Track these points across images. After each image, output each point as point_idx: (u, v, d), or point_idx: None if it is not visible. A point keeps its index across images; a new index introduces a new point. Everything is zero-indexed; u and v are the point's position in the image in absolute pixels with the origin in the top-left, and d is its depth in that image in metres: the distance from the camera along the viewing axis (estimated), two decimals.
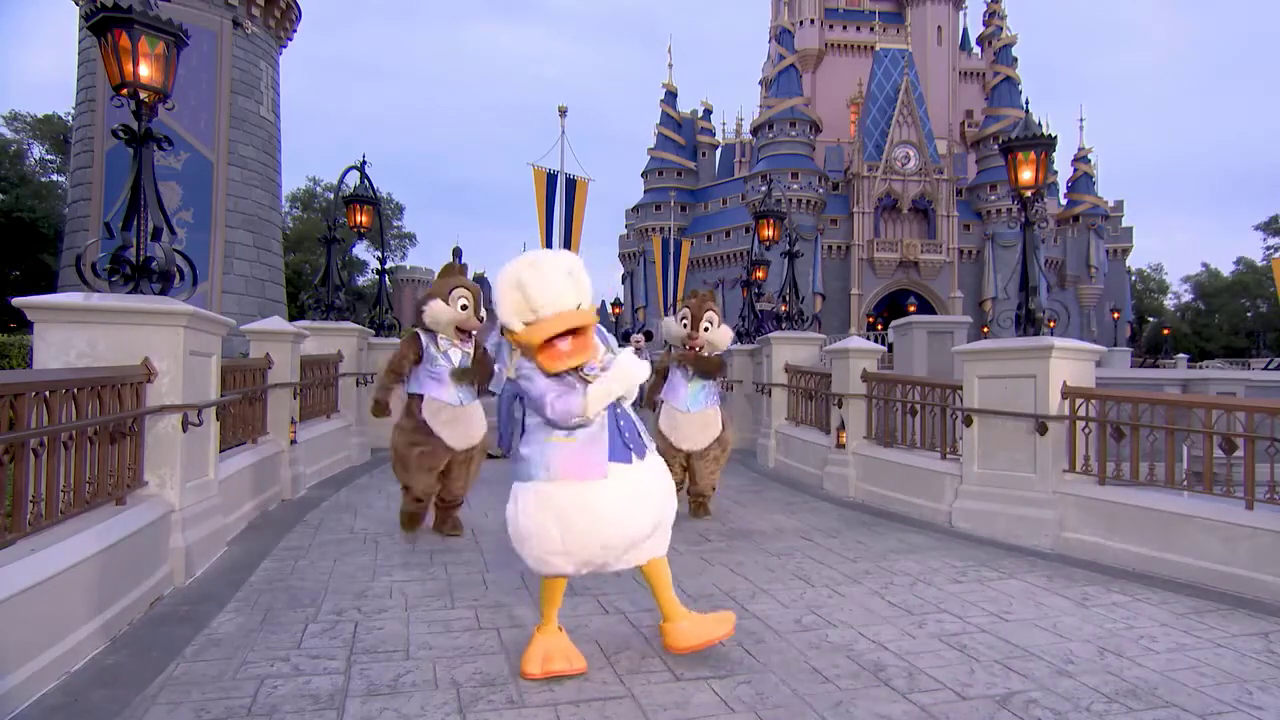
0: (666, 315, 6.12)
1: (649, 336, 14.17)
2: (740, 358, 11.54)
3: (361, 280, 45.59)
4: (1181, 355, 39.50)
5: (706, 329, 6.06)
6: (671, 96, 63.29)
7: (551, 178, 19.14)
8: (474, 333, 5.28)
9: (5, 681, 2.66)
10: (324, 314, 9.27)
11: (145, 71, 4.39)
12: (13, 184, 32.79)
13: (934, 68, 60.29)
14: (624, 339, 12.84)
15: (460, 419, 5.22)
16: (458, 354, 5.25)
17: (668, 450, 5.94)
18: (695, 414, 6.07)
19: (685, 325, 6.13)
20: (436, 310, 5.11)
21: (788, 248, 10.77)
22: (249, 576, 4.41)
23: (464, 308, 5.13)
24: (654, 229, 55.47)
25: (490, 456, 5.41)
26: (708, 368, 6.13)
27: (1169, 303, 76.50)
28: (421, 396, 5.22)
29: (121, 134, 4.47)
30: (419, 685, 3.00)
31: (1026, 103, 7.78)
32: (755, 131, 59.74)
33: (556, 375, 2.87)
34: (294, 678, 3.05)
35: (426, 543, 5.31)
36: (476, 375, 5.26)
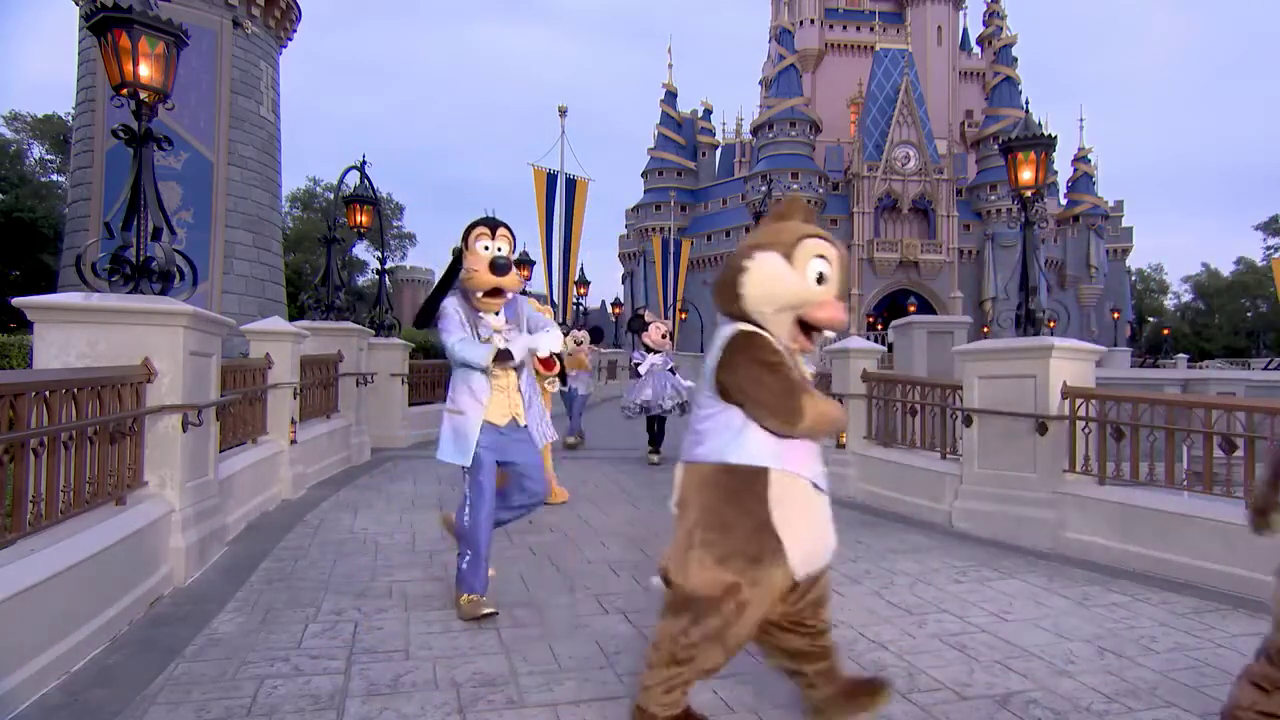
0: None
1: (597, 335, 10.24)
2: None
3: (361, 280, 45.58)
4: (1181, 355, 39.61)
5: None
6: (671, 96, 63.30)
7: (551, 177, 19.15)
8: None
9: (5, 681, 2.66)
10: (324, 314, 9.28)
11: (145, 71, 4.39)
12: (13, 184, 32.81)
13: (934, 68, 60.30)
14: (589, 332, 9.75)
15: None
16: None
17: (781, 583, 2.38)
18: None
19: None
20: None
21: None
22: (249, 576, 4.41)
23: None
24: (654, 229, 55.47)
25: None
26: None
27: (1169, 303, 76.64)
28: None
29: (121, 134, 4.47)
30: (419, 685, 3.00)
31: (1026, 103, 7.79)
32: (755, 131, 59.76)
33: None
34: (294, 678, 3.05)
35: (427, 542, 5.30)
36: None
